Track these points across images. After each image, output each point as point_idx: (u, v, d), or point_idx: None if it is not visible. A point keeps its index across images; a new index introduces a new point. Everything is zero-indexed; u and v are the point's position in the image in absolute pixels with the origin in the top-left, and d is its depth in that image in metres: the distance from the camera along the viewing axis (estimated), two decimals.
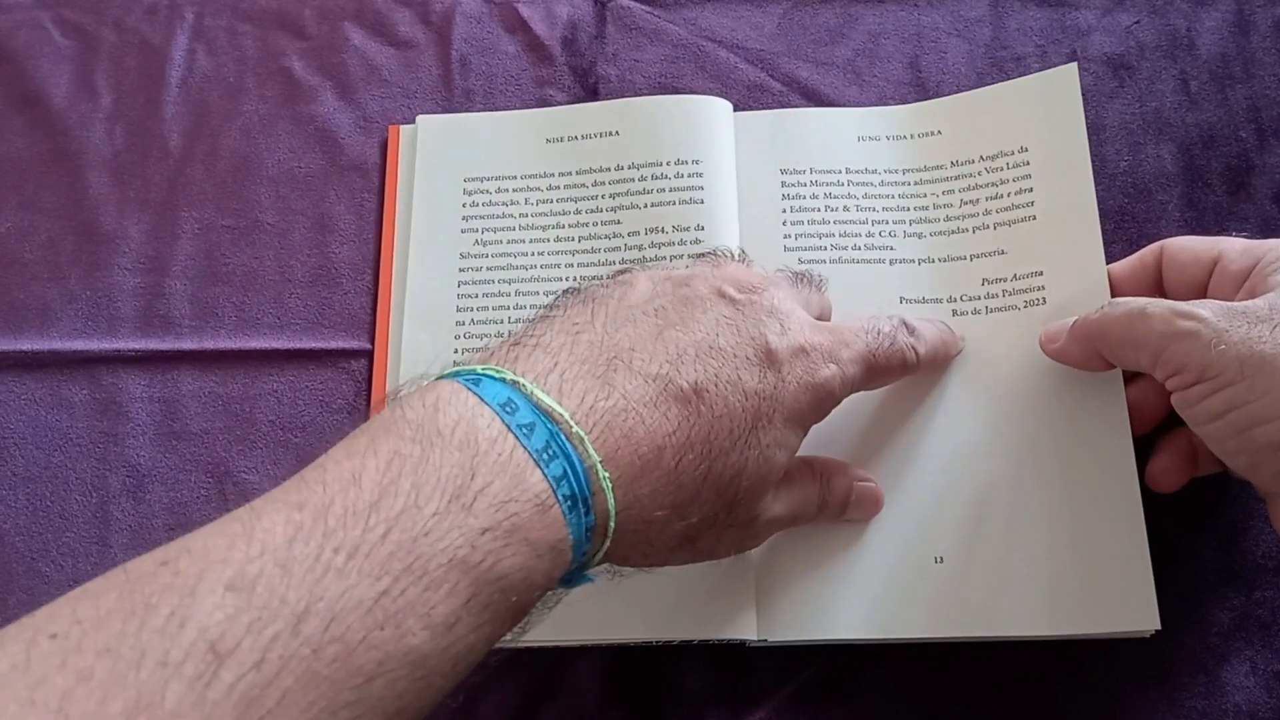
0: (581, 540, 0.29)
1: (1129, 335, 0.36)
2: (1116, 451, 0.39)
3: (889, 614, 0.39)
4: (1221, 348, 0.33)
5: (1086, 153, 0.43)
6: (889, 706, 0.40)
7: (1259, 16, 0.50)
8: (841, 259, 0.44)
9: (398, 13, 0.54)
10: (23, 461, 0.47)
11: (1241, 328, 0.33)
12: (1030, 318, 0.42)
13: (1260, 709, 0.39)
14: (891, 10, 0.52)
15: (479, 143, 0.48)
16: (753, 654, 0.41)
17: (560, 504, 0.28)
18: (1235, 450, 0.34)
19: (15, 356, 0.48)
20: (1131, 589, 0.38)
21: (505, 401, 0.29)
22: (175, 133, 0.52)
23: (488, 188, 0.47)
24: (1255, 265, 0.37)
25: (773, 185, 0.46)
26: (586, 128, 0.47)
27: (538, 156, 0.47)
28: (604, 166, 0.46)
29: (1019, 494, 0.40)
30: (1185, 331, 0.34)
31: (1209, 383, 0.34)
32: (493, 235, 0.46)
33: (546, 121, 0.48)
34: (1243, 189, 0.47)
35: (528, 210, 0.47)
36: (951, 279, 0.43)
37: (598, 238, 0.45)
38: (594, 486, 0.29)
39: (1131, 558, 0.38)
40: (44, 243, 0.51)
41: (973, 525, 0.39)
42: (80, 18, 0.55)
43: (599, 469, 0.29)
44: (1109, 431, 0.39)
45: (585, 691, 0.41)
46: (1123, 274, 0.41)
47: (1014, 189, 0.44)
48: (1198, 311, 0.34)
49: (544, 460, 0.28)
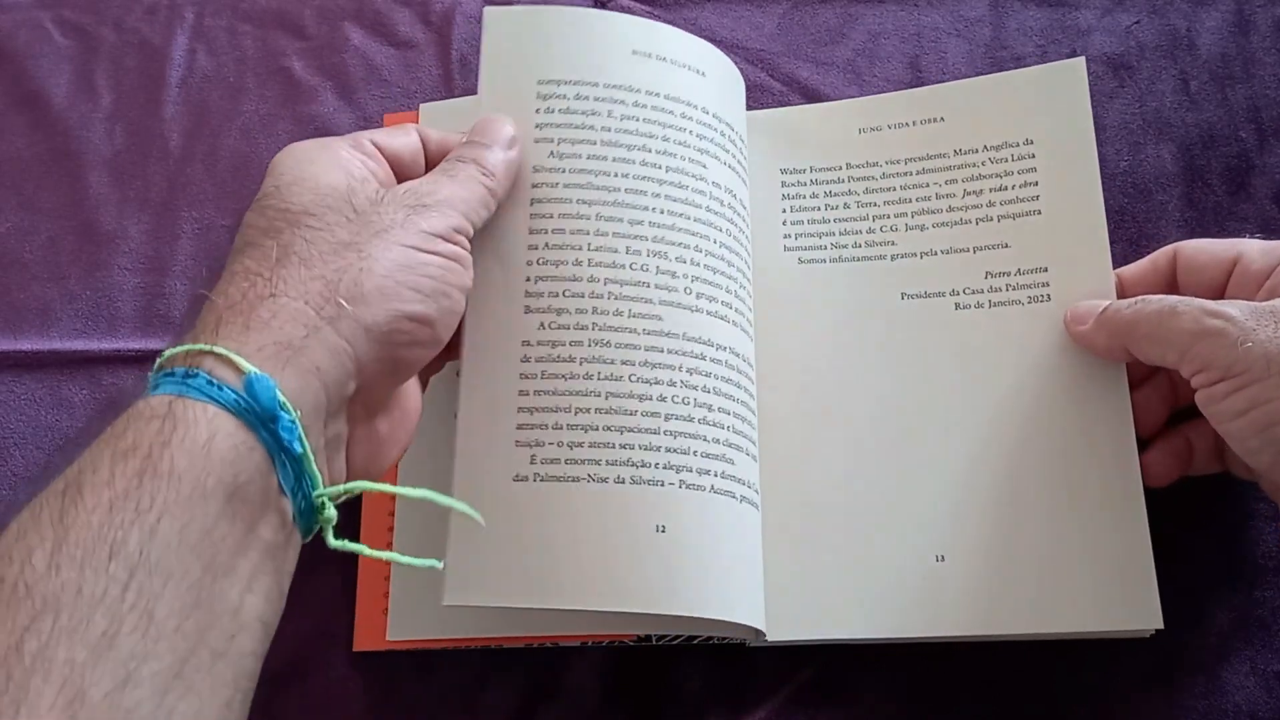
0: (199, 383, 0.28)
1: (1159, 332, 0.36)
2: (1119, 449, 0.39)
3: (890, 613, 0.39)
4: (1248, 345, 0.34)
5: (1094, 149, 0.43)
6: (889, 706, 0.40)
7: (1259, 16, 0.50)
8: (841, 257, 0.44)
9: (398, 13, 0.54)
10: (23, 461, 0.47)
11: (1269, 327, 0.34)
12: (1034, 314, 0.41)
13: (1260, 709, 0.39)
14: (891, 10, 0.52)
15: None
16: (753, 654, 0.41)
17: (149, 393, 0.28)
18: (1257, 448, 0.35)
19: (15, 356, 0.48)
20: (1134, 587, 0.38)
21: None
22: (175, 133, 0.52)
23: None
24: (1277, 266, 0.37)
25: (773, 185, 0.46)
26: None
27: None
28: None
29: (1021, 491, 0.40)
30: (1214, 330, 0.34)
31: (1234, 380, 0.34)
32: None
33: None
34: (1243, 189, 0.47)
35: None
36: (954, 271, 0.43)
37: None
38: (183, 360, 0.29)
39: (1134, 556, 0.38)
40: (44, 243, 0.51)
41: (974, 523, 0.39)
42: (80, 18, 0.55)
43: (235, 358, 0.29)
44: (1112, 429, 0.39)
45: (585, 691, 0.41)
46: (1133, 277, 0.41)
47: (1019, 181, 0.43)
48: (1226, 310, 0.35)
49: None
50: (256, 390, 0.28)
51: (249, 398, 0.28)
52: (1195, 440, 0.40)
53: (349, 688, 0.42)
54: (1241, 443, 0.35)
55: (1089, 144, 0.43)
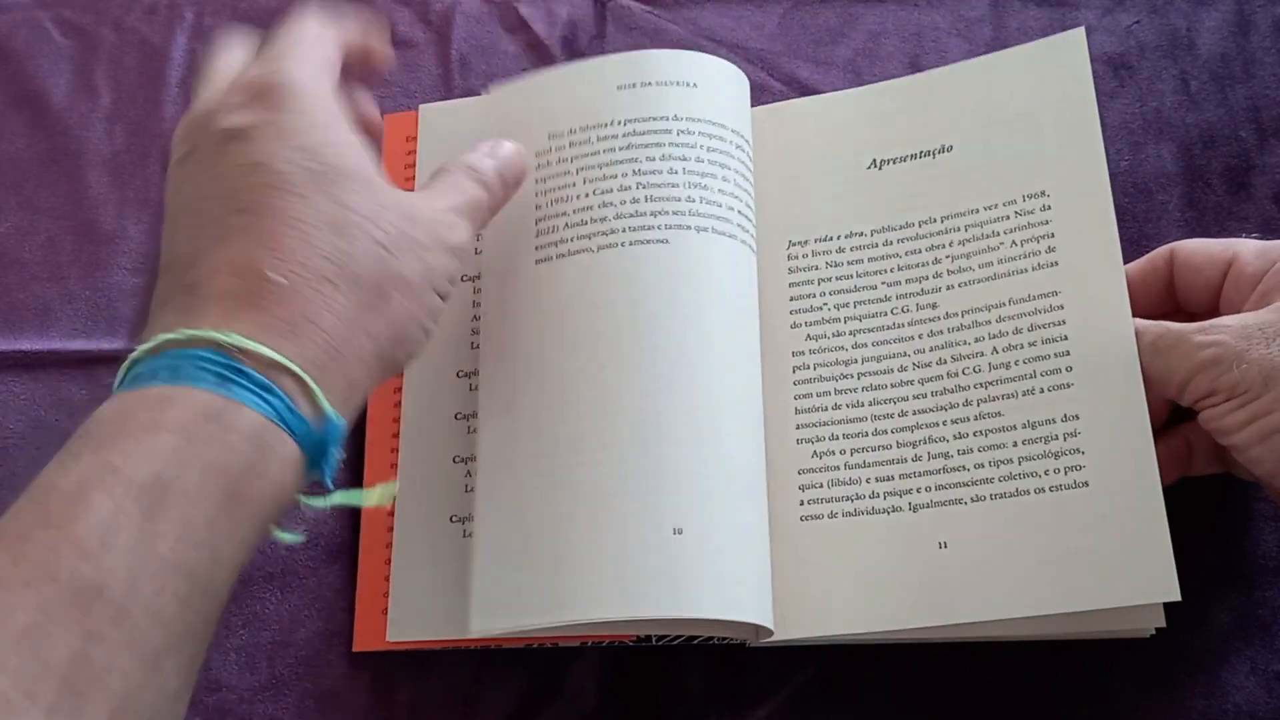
0: (265, 401, 0.29)
1: (1152, 373, 0.37)
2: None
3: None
4: (1244, 366, 0.34)
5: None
6: (889, 706, 0.40)
7: (1259, 16, 0.50)
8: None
9: (398, 13, 0.54)
10: (23, 461, 0.47)
11: (1260, 345, 0.35)
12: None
13: (1260, 709, 0.39)
14: (891, 10, 0.52)
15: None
16: (753, 654, 0.41)
17: (194, 385, 0.28)
18: (1259, 457, 0.35)
19: (15, 356, 0.48)
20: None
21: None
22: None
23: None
24: (1271, 268, 0.37)
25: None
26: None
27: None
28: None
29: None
30: (1209, 360, 0.35)
31: (1236, 399, 0.35)
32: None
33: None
34: (1243, 189, 0.47)
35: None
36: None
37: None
38: (233, 355, 0.29)
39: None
40: (44, 243, 0.51)
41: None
42: (80, 17, 0.55)
43: (219, 338, 0.29)
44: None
45: (584, 691, 0.41)
46: (1132, 277, 0.41)
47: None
48: (1216, 337, 0.35)
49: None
50: (328, 432, 0.30)
51: (320, 436, 0.30)
52: (1194, 441, 0.40)
53: (349, 688, 0.42)
54: (1245, 452, 0.36)
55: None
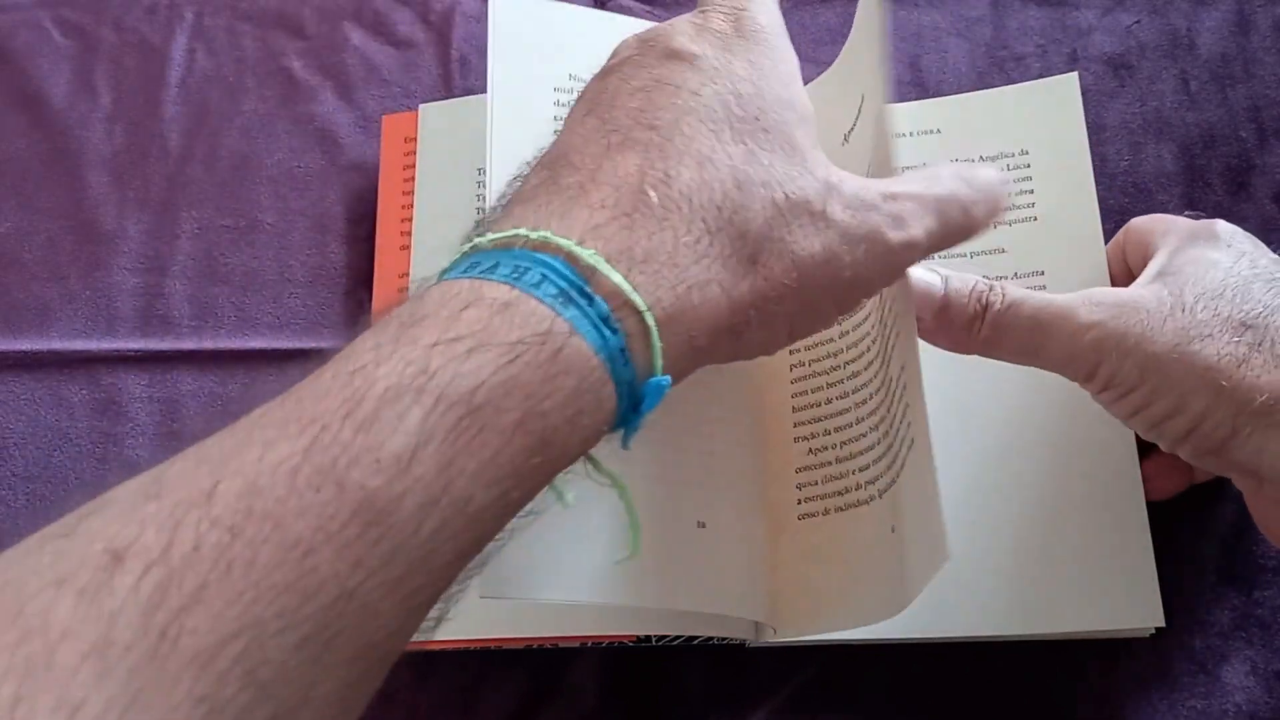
0: (601, 335, 0.24)
1: (1028, 346, 0.35)
2: (1120, 449, 0.39)
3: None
4: (1118, 359, 0.34)
5: (1088, 159, 0.43)
6: (889, 706, 0.40)
7: (1259, 16, 0.50)
8: None
9: (398, 12, 0.54)
10: (23, 461, 0.47)
11: (1136, 328, 0.34)
12: None
13: (1260, 709, 0.39)
14: (892, 10, 0.52)
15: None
16: (753, 654, 0.41)
17: (532, 293, 0.24)
18: (1167, 448, 0.35)
19: (15, 356, 0.48)
20: (1135, 586, 0.38)
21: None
22: (175, 132, 0.52)
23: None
24: (1162, 243, 0.37)
25: None
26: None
27: None
28: None
29: (1021, 493, 0.40)
30: (1089, 346, 0.34)
31: (1113, 390, 0.35)
32: None
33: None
34: (1243, 189, 0.47)
35: None
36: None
37: None
38: (583, 273, 0.24)
39: (1135, 554, 0.38)
40: (44, 243, 0.51)
41: (974, 525, 0.39)
42: (80, 18, 0.55)
43: (576, 250, 0.24)
44: (1112, 427, 0.39)
45: (584, 691, 0.41)
46: (1110, 258, 0.42)
47: (1014, 189, 0.44)
48: (1098, 317, 0.34)
49: (494, 268, 0.24)
50: (648, 392, 0.25)
51: (639, 394, 0.25)
52: None
53: None
54: (1156, 442, 0.36)
55: (1083, 154, 0.43)
